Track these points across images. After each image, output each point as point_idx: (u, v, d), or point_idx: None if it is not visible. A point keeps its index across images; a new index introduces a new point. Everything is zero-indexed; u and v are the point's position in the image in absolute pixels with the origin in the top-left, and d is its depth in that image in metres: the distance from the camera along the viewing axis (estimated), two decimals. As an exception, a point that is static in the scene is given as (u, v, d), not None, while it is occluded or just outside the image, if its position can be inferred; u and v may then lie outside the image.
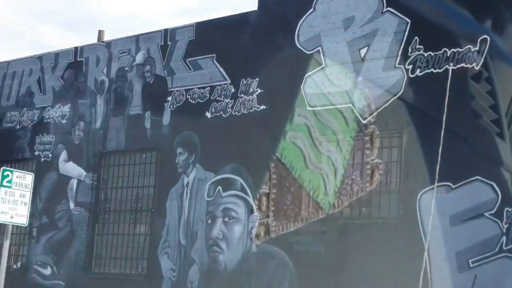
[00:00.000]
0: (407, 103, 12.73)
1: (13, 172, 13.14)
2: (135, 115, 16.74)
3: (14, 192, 13.05)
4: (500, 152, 11.76)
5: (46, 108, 18.58)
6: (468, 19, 12.42)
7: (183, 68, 16.06)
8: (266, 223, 14.30)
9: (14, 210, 13.02)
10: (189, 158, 15.59)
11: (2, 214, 12.84)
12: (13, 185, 13.04)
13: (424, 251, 12.15)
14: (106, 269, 16.64)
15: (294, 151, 14.09)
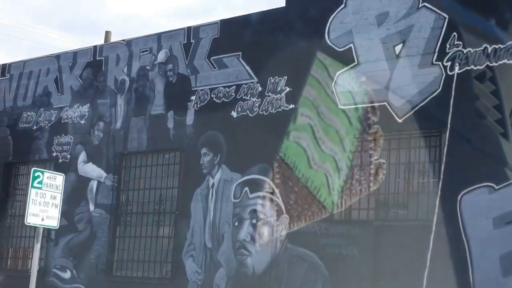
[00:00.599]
0: (446, 101, 12.23)
1: (43, 173, 12.66)
2: (157, 115, 16.25)
3: (45, 193, 12.57)
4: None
5: (64, 108, 18.08)
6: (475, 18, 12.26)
7: (207, 67, 15.58)
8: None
9: (45, 212, 12.56)
10: (214, 159, 15.10)
11: (33, 217, 12.36)
12: (44, 186, 12.57)
13: (466, 254, 11.67)
14: (128, 272, 16.14)
15: (297, 151, 13.84)
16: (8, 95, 19.44)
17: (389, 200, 12.87)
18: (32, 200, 12.43)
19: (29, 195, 12.49)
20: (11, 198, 19.11)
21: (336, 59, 13.64)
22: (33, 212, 12.47)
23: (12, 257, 18.83)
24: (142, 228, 16.11)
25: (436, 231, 12.03)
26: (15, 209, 18.88)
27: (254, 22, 15.08)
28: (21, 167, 19.09)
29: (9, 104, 19.34)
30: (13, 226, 18.83)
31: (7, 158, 19.12)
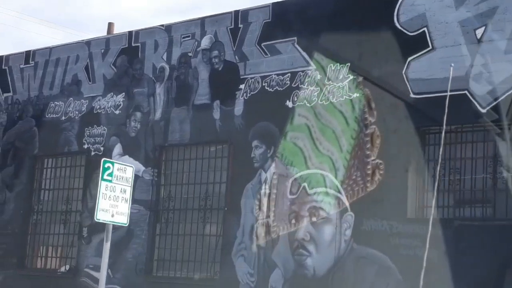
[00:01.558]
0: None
1: (114, 164, 11.41)
2: (202, 105, 15.06)
3: (114, 187, 11.37)
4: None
5: (96, 98, 16.85)
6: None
7: (257, 53, 14.39)
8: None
9: (115, 208, 11.36)
10: (267, 152, 13.92)
11: (103, 212, 11.15)
12: (114, 178, 11.36)
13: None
14: (171, 272, 14.95)
15: (295, 151, 13.37)
16: (33, 83, 18.18)
17: (471, 197, 11.74)
18: (102, 194, 11.21)
19: (99, 189, 11.26)
20: (37, 193, 17.85)
21: (407, 44, 12.49)
22: (103, 207, 11.26)
23: (39, 255, 17.57)
24: (186, 226, 14.93)
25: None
26: (42, 205, 17.63)
27: (311, 4, 13.89)
28: (48, 160, 17.84)
29: (34, 93, 18.09)
30: (40, 223, 17.58)
31: (33, 151, 17.88)
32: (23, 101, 18.28)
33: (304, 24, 13.85)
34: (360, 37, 13.08)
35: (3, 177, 18.26)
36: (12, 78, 18.64)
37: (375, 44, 12.88)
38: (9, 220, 17.92)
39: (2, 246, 17.89)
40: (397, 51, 12.58)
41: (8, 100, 18.61)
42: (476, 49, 11.77)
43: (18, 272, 17.42)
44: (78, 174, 17.00)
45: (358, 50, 13.06)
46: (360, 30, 13.09)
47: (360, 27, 13.10)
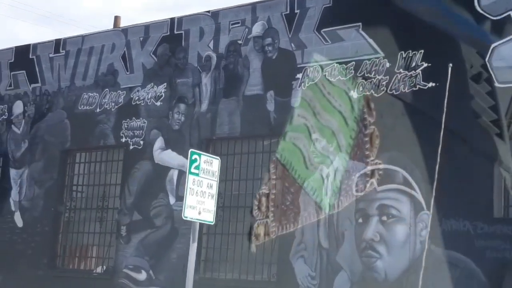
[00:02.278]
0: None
1: (200, 156, 10.28)
2: (253, 96, 13.97)
3: (201, 181, 10.23)
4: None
5: (134, 89, 15.71)
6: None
7: (317, 40, 13.32)
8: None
9: (202, 204, 10.22)
10: (329, 146, 12.84)
11: (190, 209, 10.03)
12: (201, 172, 10.21)
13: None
14: (220, 274, 13.85)
15: (294, 151, 12.95)
16: (64, 74, 17.03)
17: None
18: (189, 190, 10.07)
19: (187, 183, 10.13)
20: (68, 189, 16.71)
21: (490, 29, 11.44)
22: (191, 204, 10.13)
23: (71, 255, 16.44)
24: (238, 224, 13.85)
25: None
26: (75, 201, 16.49)
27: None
28: (80, 155, 16.69)
29: (65, 84, 16.94)
30: (72, 221, 16.44)
31: (64, 145, 16.73)
32: (53, 92, 17.13)
33: (370, 9, 12.78)
34: (436, 22, 12.01)
35: (31, 172, 17.12)
36: (41, 68, 17.49)
37: (454, 29, 11.81)
38: (38, 218, 16.78)
39: (31, 245, 16.74)
40: (479, 37, 11.52)
41: (36, 91, 17.47)
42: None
43: (49, 272, 16.27)
44: (115, 169, 15.86)
45: (434, 35, 11.99)
46: (436, 14, 12.03)
47: (435, 10, 12.06)
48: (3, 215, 17.45)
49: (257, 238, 13.39)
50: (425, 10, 12.15)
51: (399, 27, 12.39)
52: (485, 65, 11.27)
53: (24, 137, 17.44)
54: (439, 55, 11.88)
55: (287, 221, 13.12)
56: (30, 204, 16.97)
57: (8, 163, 17.63)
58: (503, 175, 11.12)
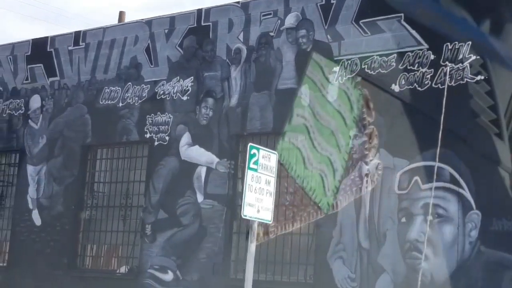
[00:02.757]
0: None
1: (259, 150, 9.63)
2: (286, 90, 13.34)
3: (260, 177, 9.59)
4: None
5: (159, 82, 15.06)
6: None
7: (355, 32, 12.69)
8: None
9: (260, 202, 9.57)
10: (369, 142, 12.21)
11: (249, 207, 9.36)
12: (259, 167, 9.56)
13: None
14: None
15: (293, 151, 12.74)
16: (84, 67, 16.36)
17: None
18: (248, 186, 9.42)
19: (246, 179, 9.48)
20: (89, 186, 16.06)
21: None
22: (250, 201, 9.48)
23: (92, 255, 15.79)
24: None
25: None
26: (97, 199, 15.83)
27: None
28: (102, 151, 16.03)
29: (86, 77, 16.27)
30: (94, 219, 15.78)
31: (85, 140, 16.06)
32: (72, 86, 16.46)
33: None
34: (485, 10, 11.38)
35: (50, 168, 16.45)
36: (59, 61, 16.82)
37: (508, 19, 11.18)
38: (57, 216, 16.12)
39: (50, 244, 16.09)
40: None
41: (55, 85, 16.80)
42: None
43: (69, 273, 15.62)
44: (139, 165, 15.19)
45: (484, 25, 11.36)
46: (486, 2, 11.41)
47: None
48: (20, 213, 16.79)
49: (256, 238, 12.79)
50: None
51: (444, 17, 11.75)
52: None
53: (42, 133, 16.78)
54: (489, 47, 11.24)
55: (324, 220, 12.48)
56: (49, 202, 16.32)
57: (25, 159, 16.97)
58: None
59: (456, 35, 11.57)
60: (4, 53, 17.89)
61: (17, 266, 16.51)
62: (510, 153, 10.88)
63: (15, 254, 16.72)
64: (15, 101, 17.43)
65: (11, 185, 17.42)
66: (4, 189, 17.54)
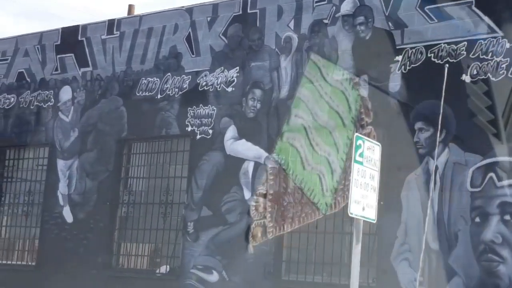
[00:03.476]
0: None
1: (364, 141, 8.73)
2: (343, 81, 12.42)
3: (365, 171, 8.70)
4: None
5: (201, 73, 14.14)
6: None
7: (420, 19, 11.79)
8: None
9: (365, 199, 8.68)
10: (437, 136, 11.31)
11: (355, 205, 8.46)
12: (364, 160, 8.67)
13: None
14: (307, 276, 12.33)
15: (291, 152, 12.44)
16: (119, 57, 15.43)
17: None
18: (354, 181, 8.53)
19: (352, 174, 8.59)
20: (124, 182, 15.13)
21: None
22: (356, 198, 8.58)
23: (128, 254, 14.88)
24: (323, 222, 12.32)
25: None
26: (134, 195, 14.91)
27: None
28: (138, 145, 15.12)
29: (121, 68, 15.34)
30: (130, 216, 14.87)
31: (120, 134, 15.14)
32: (106, 77, 15.53)
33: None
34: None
35: (82, 163, 15.54)
36: (92, 51, 15.88)
37: None
38: (91, 213, 15.20)
39: (83, 243, 15.18)
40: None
41: (87, 75, 15.87)
42: None
43: (104, 272, 14.71)
44: (180, 160, 14.29)
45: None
46: None
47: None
48: (50, 210, 15.88)
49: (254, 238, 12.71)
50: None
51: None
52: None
53: (73, 126, 15.86)
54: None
55: (387, 219, 11.59)
56: (81, 198, 15.40)
57: (55, 154, 16.05)
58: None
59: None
60: (32, 42, 16.96)
61: (46, 265, 15.61)
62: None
63: (44, 253, 15.82)
64: (44, 92, 16.50)
65: (39, 180, 16.50)
66: (32, 185, 16.61)
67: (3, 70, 17.33)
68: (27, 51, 16.97)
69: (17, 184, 16.92)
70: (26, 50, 16.98)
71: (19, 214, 16.68)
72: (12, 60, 17.19)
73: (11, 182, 17.01)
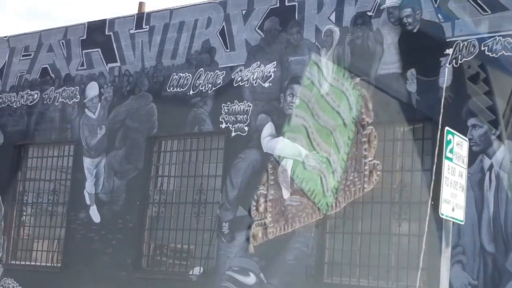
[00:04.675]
0: None
1: (454, 136, 8.11)
2: (389, 75, 11.85)
3: (454, 168, 8.07)
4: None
5: (236, 68, 13.54)
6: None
7: (472, 10, 11.20)
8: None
9: (455, 198, 8.07)
10: (492, 132, 10.70)
11: (445, 205, 7.84)
12: (454, 157, 8.05)
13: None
14: (352, 279, 11.70)
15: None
16: (148, 52, 14.82)
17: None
18: (444, 179, 7.92)
19: (443, 170, 7.98)
20: (154, 180, 14.52)
21: None
22: (446, 197, 7.98)
23: (159, 255, 14.27)
24: (365, 222, 11.76)
25: None
26: (165, 195, 14.29)
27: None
28: (168, 142, 14.50)
29: (150, 63, 14.73)
30: (161, 216, 14.25)
31: (150, 131, 14.53)
32: (135, 72, 14.92)
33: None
34: None
35: (110, 161, 14.93)
36: (119, 46, 15.28)
37: None
38: (119, 213, 14.59)
39: (112, 243, 14.57)
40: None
41: (114, 71, 15.26)
42: None
43: (133, 274, 14.10)
44: (214, 158, 13.67)
45: None
46: None
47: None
48: (76, 210, 15.27)
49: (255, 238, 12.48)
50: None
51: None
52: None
53: (100, 123, 15.25)
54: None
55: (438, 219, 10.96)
56: (109, 198, 14.79)
57: (81, 152, 15.44)
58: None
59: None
60: (56, 37, 16.36)
61: (72, 266, 14.99)
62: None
63: (70, 254, 15.20)
64: (69, 88, 15.89)
65: (64, 179, 15.90)
66: (57, 184, 16.00)
67: (26, 66, 16.74)
68: (51, 46, 16.38)
69: (40, 183, 16.31)
70: (50, 45, 16.39)
71: (43, 214, 16.07)
72: (36, 56, 16.59)
73: (35, 181, 16.40)
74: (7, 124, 16.75)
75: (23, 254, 16.17)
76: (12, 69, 16.95)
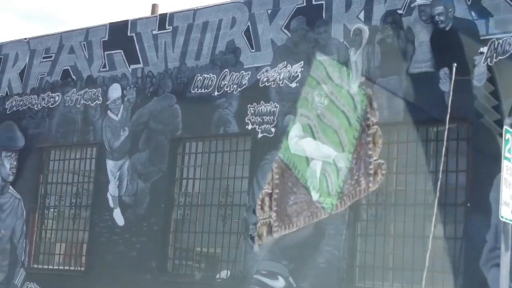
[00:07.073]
0: None
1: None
2: (421, 74, 11.48)
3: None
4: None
5: (262, 68, 13.19)
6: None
7: (507, 7, 10.83)
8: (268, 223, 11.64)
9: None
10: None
11: (505, 207, 7.46)
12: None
13: None
14: (385, 283, 11.34)
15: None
16: (172, 53, 14.49)
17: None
18: (503, 180, 7.54)
19: (502, 172, 7.60)
20: (179, 183, 14.18)
21: None
22: (506, 199, 7.59)
23: (185, 258, 13.92)
24: (396, 224, 11.43)
25: None
26: (190, 197, 13.95)
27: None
28: (192, 144, 14.16)
29: (174, 64, 14.40)
30: (186, 219, 13.92)
31: (174, 133, 14.20)
32: (158, 73, 14.59)
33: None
34: None
35: (133, 163, 14.61)
36: (142, 47, 14.95)
37: None
38: (144, 216, 14.27)
39: (136, 247, 14.24)
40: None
41: (137, 72, 14.93)
42: None
43: (159, 277, 13.77)
44: (241, 160, 13.33)
45: None
46: None
47: None
48: (99, 213, 14.96)
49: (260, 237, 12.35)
50: None
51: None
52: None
53: (123, 125, 14.93)
54: None
55: (475, 222, 10.59)
56: (133, 200, 14.47)
57: (104, 154, 15.13)
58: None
59: None
60: (77, 39, 16.06)
61: (96, 270, 14.70)
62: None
63: (94, 257, 14.89)
64: (91, 90, 15.58)
65: (87, 182, 15.58)
66: (80, 186, 15.69)
67: (47, 68, 16.44)
68: (72, 47, 16.07)
69: (63, 186, 16.00)
70: (71, 47, 16.08)
71: (65, 217, 15.76)
72: (57, 57, 16.29)
73: (57, 184, 16.08)
74: (28, 127, 16.46)
75: (45, 258, 15.87)
76: (32, 71, 16.67)
